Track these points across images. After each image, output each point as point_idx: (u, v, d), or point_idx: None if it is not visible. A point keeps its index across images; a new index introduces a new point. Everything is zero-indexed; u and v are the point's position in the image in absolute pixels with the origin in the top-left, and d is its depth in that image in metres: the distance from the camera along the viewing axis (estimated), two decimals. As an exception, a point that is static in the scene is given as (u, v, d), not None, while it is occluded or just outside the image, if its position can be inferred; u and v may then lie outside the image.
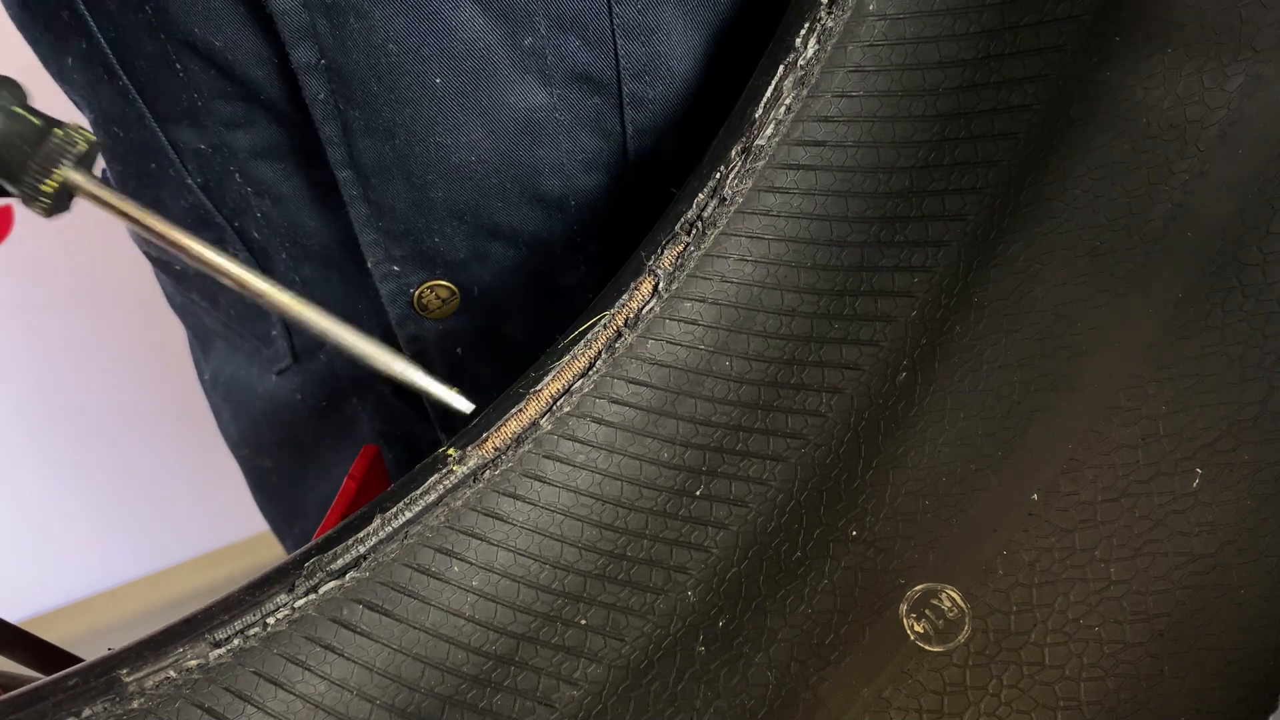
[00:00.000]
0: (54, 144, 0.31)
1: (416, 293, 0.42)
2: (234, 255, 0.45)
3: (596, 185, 0.40)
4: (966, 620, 0.25)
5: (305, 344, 0.49)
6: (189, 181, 0.42)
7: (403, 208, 0.39)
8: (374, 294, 0.42)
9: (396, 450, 0.52)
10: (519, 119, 0.37)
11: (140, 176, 0.43)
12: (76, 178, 0.31)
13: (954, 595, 0.25)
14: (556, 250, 0.42)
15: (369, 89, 0.35)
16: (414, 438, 0.52)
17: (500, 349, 0.45)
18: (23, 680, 0.30)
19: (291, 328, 0.48)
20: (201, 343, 0.57)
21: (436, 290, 0.42)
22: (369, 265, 0.41)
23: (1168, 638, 0.23)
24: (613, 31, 0.36)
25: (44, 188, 0.31)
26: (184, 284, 0.51)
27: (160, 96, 0.39)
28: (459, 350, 0.44)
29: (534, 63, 0.36)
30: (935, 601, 0.25)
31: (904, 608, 0.25)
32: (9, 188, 0.32)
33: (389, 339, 0.45)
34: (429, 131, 0.37)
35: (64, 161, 0.31)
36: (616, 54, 0.37)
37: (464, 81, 0.36)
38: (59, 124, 0.31)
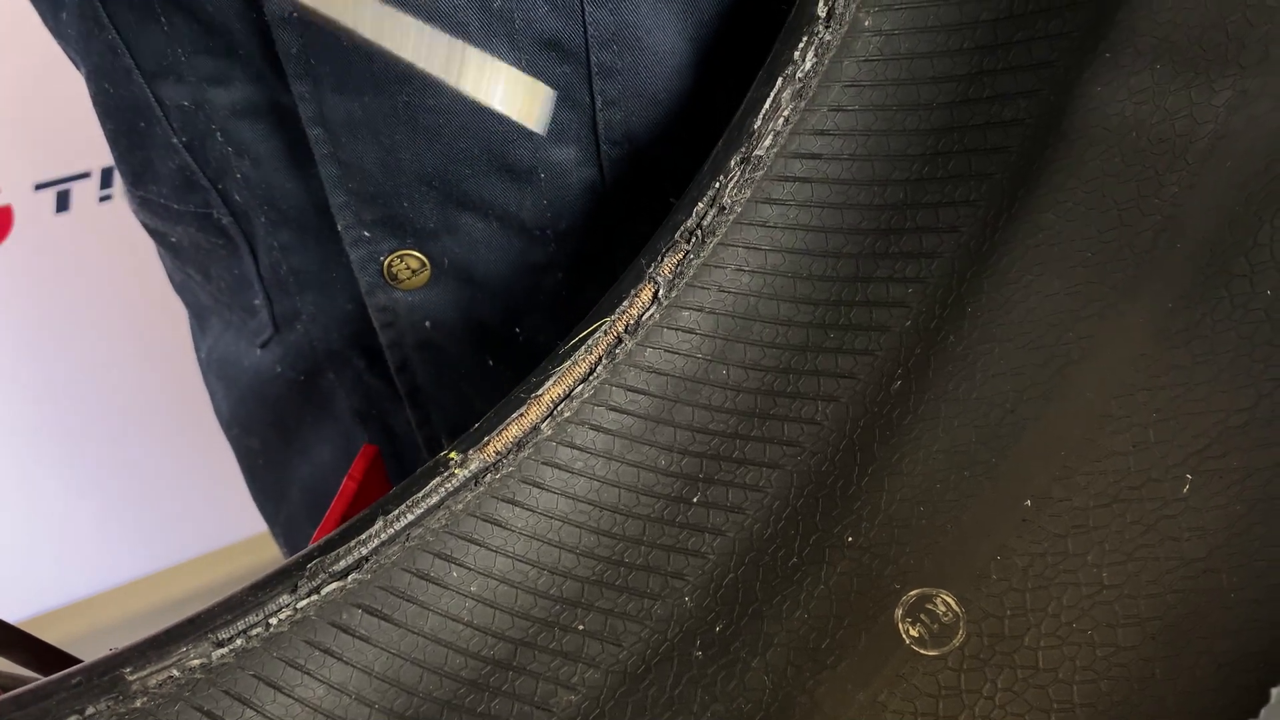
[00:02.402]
0: None
1: (386, 261, 0.42)
2: (219, 219, 0.45)
3: (566, 159, 0.40)
4: (961, 624, 0.25)
5: (284, 312, 0.49)
6: (174, 140, 0.42)
7: (372, 168, 0.39)
8: (348, 263, 0.43)
9: (373, 430, 0.52)
10: None
11: (130, 134, 0.44)
12: None
13: (948, 600, 0.25)
14: (527, 226, 0.42)
15: (339, 43, 0.36)
16: (388, 416, 0.52)
17: (471, 325, 0.45)
18: (22, 681, 0.30)
19: (272, 295, 0.48)
20: (199, 321, 0.58)
21: (406, 260, 0.42)
22: (340, 229, 0.41)
23: (1159, 641, 0.23)
24: None
25: None
26: (180, 258, 0.52)
27: (146, 51, 0.39)
28: (428, 324, 0.44)
29: (502, 26, 0.36)
30: (930, 606, 0.25)
31: (899, 612, 0.26)
32: None
33: (361, 310, 0.46)
34: (397, 90, 0.37)
35: None
36: (584, 20, 0.37)
37: None
38: None
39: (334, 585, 0.27)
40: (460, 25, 0.36)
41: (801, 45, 0.31)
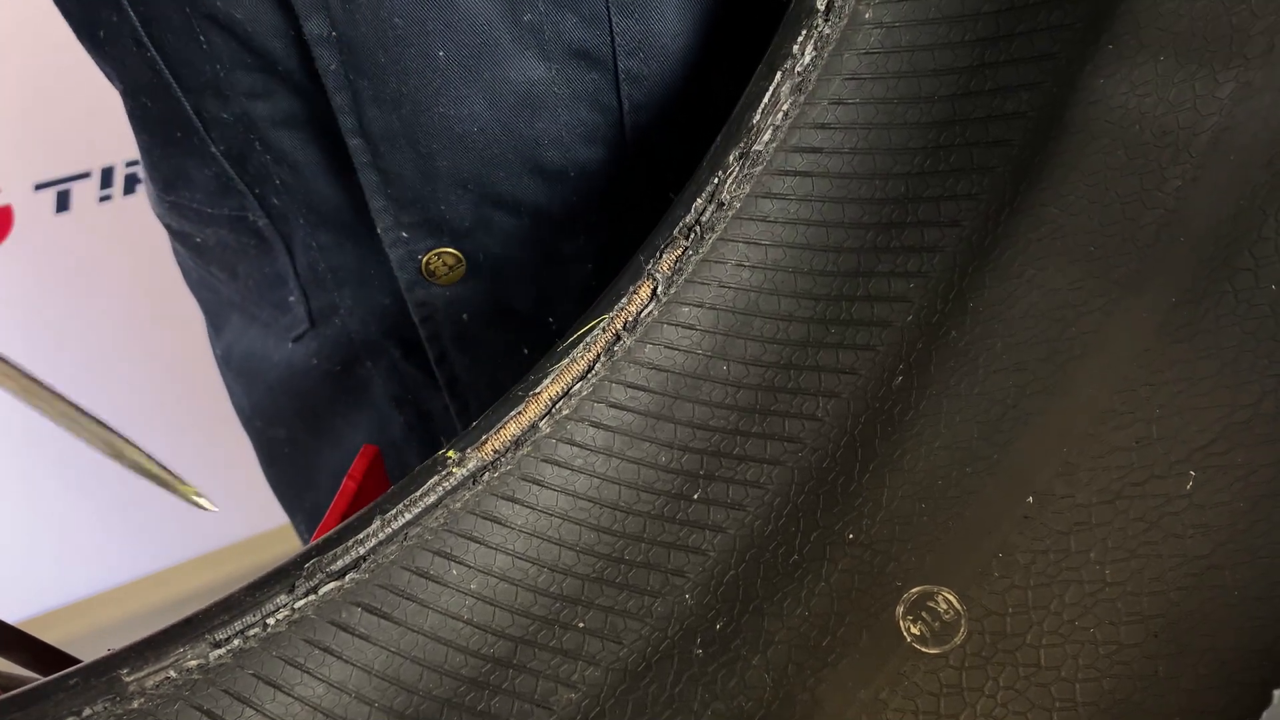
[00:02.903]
0: None
1: (424, 259, 0.44)
2: (254, 221, 0.46)
3: (595, 158, 0.42)
4: (962, 622, 0.25)
5: (321, 307, 0.50)
6: (212, 150, 0.43)
7: (410, 175, 0.40)
8: (386, 260, 0.44)
9: (408, 414, 0.54)
10: (519, 92, 0.39)
11: (166, 145, 0.45)
12: None
13: (950, 597, 0.25)
14: (557, 221, 0.44)
15: (376, 60, 0.37)
16: (424, 401, 0.53)
17: (505, 316, 0.47)
18: (22, 681, 0.30)
19: (309, 292, 0.50)
20: (215, 319, 0.59)
21: (444, 257, 0.44)
22: (379, 231, 0.43)
23: (1162, 638, 0.23)
24: (608, 8, 0.38)
25: None
26: (204, 257, 0.53)
27: (186, 68, 0.40)
28: (465, 316, 0.46)
29: (533, 38, 0.37)
30: (931, 604, 0.25)
31: (900, 610, 0.25)
32: None
33: (399, 304, 0.48)
34: (433, 102, 0.38)
35: None
36: (611, 30, 0.38)
37: (466, 55, 0.37)
38: None
39: (331, 585, 0.27)
40: (492, 39, 0.37)
41: (800, 38, 0.31)
